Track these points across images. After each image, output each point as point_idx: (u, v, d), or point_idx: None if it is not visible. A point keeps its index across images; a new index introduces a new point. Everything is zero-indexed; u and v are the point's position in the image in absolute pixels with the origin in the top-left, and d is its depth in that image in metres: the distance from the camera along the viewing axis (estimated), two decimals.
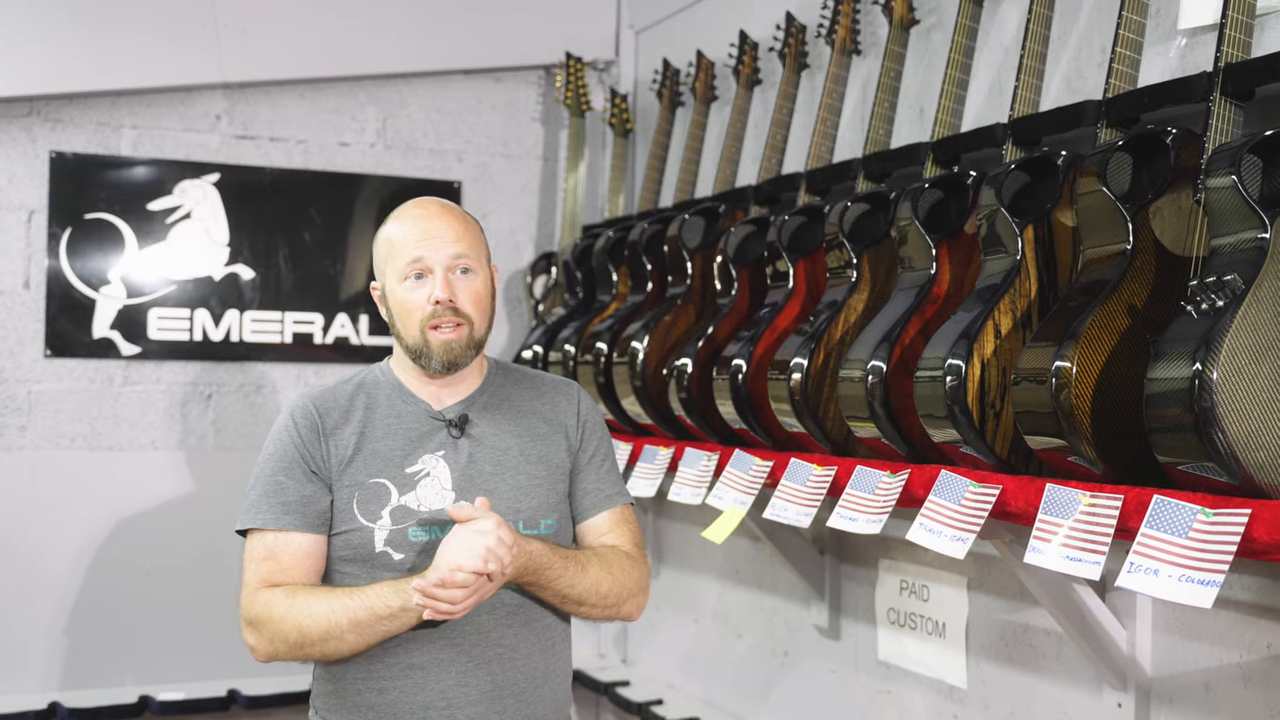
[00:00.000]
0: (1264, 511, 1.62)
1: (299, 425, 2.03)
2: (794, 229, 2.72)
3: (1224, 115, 1.91)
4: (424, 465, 2.02)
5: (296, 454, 2.01)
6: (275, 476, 2.01)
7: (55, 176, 3.59)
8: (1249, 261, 1.73)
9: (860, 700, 2.95)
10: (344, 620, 1.91)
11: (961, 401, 2.05)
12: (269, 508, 2.00)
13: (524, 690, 2.04)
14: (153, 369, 3.70)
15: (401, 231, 2.05)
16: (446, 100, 4.06)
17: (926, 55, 2.82)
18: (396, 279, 2.03)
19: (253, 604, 1.98)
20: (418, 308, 2.01)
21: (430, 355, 2.02)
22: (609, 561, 2.09)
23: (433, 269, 2.01)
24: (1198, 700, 2.13)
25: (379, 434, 2.04)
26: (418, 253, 2.01)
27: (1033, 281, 2.12)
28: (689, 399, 2.83)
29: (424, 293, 2.01)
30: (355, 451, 2.02)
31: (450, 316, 2.01)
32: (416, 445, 2.04)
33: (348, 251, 3.94)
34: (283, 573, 1.98)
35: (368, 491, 2.00)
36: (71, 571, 3.59)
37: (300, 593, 1.96)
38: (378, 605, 1.91)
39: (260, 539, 2.00)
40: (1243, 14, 1.93)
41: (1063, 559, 1.83)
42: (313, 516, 2.00)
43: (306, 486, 2.00)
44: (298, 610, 1.93)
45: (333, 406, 2.05)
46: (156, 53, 3.65)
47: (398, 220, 2.07)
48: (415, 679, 1.99)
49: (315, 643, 1.94)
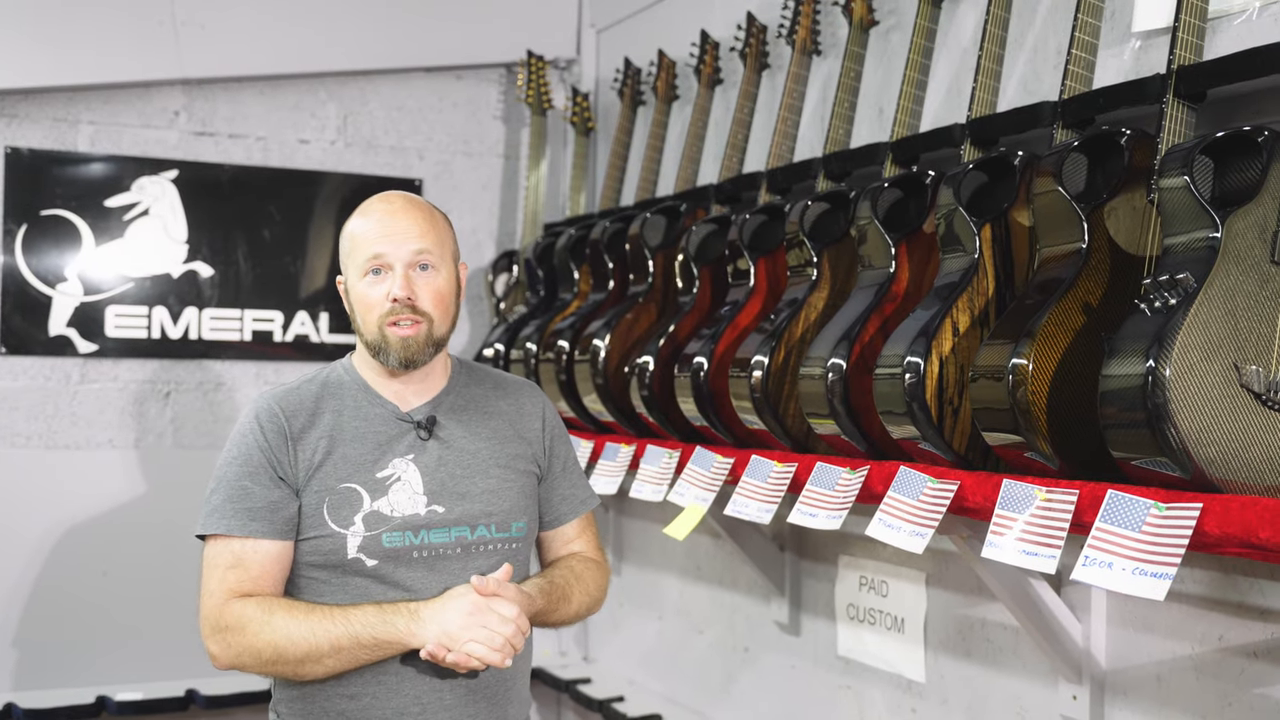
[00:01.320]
0: (1215, 505, 1.65)
1: (265, 428, 1.99)
2: (755, 228, 2.74)
3: (1177, 117, 1.94)
4: (394, 469, 2.00)
5: (262, 458, 1.97)
6: (240, 481, 1.97)
7: (11, 172, 3.56)
8: (1201, 260, 1.76)
9: (820, 695, 2.97)
10: (325, 645, 1.88)
11: (920, 398, 2.07)
12: (234, 513, 1.96)
13: (495, 693, 2.04)
14: (110, 367, 3.68)
15: (364, 226, 2.03)
16: (408, 98, 4.05)
17: (886, 56, 2.85)
18: (357, 274, 2.02)
19: (222, 615, 1.93)
20: (377, 304, 2.00)
21: (388, 351, 2.00)
22: (584, 581, 2.14)
23: (393, 265, 2.00)
24: (1151, 691, 2.17)
25: (347, 437, 2.01)
26: (378, 249, 2.00)
27: (990, 280, 2.15)
28: (650, 396, 2.84)
29: (383, 289, 2.00)
30: (325, 456, 1.99)
31: (408, 314, 1.99)
32: (385, 449, 2.02)
33: (307, 249, 3.92)
34: (252, 582, 1.94)
35: (338, 497, 1.97)
36: (27, 571, 3.55)
37: (277, 610, 1.91)
38: (363, 635, 1.89)
39: (225, 545, 1.96)
40: (1194, 18, 1.97)
41: (1019, 553, 1.86)
42: (280, 522, 1.96)
43: (273, 492, 1.96)
44: (274, 629, 1.89)
45: (299, 409, 2.02)
46: (115, 48, 3.62)
47: (362, 215, 2.06)
48: (389, 684, 1.96)
49: (290, 663, 1.90)
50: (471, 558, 2.02)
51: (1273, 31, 1.97)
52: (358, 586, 1.97)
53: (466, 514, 2.02)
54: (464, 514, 2.02)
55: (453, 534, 2.01)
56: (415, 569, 1.98)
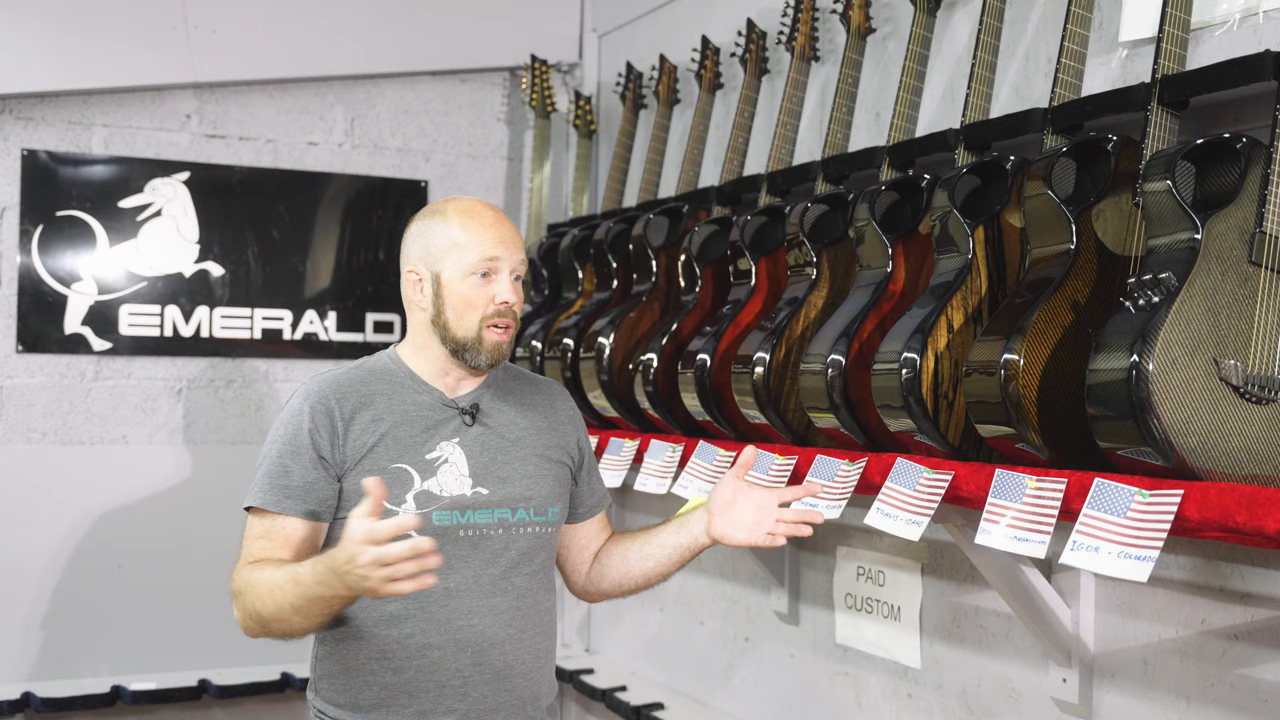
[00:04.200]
0: (1195, 492, 1.73)
1: (314, 412, 2.06)
2: (756, 229, 2.81)
3: (1161, 124, 2.03)
4: (442, 452, 2.08)
5: (307, 440, 2.04)
6: (281, 459, 2.05)
7: (27, 174, 3.64)
8: (1182, 261, 1.85)
9: (819, 682, 3.05)
10: (286, 605, 1.91)
11: (916, 393, 2.15)
12: (271, 489, 2.04)
13: (530, 670, 2.12)
14: (124, 364, 3.75)
15: (474, 227, 2.08)
16: (414, 101, 4.13)
17: (882, 62, 2.93)
18: (461, 272, 2.07)
19: (234, 580, 2.00)
20: (481, 304, 2.07)
21: (480, 351, 2.08)
22: None
23: (501, 270, 2.08)
24: (1137, 674, 2.26)
25: (397, 420, 2.09)
26: (495, 252, 2.07)
27: (983, 279, 2.23)
28: (654, 392, 2.92)
29: (488, 291, 2.07)
30: (378, 438, 2.06)
31: (509, 319, 2.09)
32: (433, 432, 2.10)
33: (315, 249, 4.00)
34: (273, 552, 2.02)
35: (390, 476, 2.04)
36: (44, 564, 3.63)
37: (257, 571, 1.95)
38: (311, 591, 1.88)
39: (260, 518, 2.05)
40: (1178, 29, 2.06)
41: (1010, 539, 1.94)
42: (312, 503, 2.04)
43: (311, 473, 2.04)
44: (256, 593, 1.94)
45: (349, 393, 2.09)
46: (127, 53, 3.70)
47: (467, 216, 2.10)
48: (432, 658, 2.04)
49: (270, 622, 1.94)
50: (511, 538, 2.11)
51: (1252, 42, 2.05)
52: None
53: (509, 496, 2.11)
54: (506, 496, 2.11)
55: (495, 515, 2.09)
56: (460, 547, 2.06)
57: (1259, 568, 2.06)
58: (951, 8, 2.72)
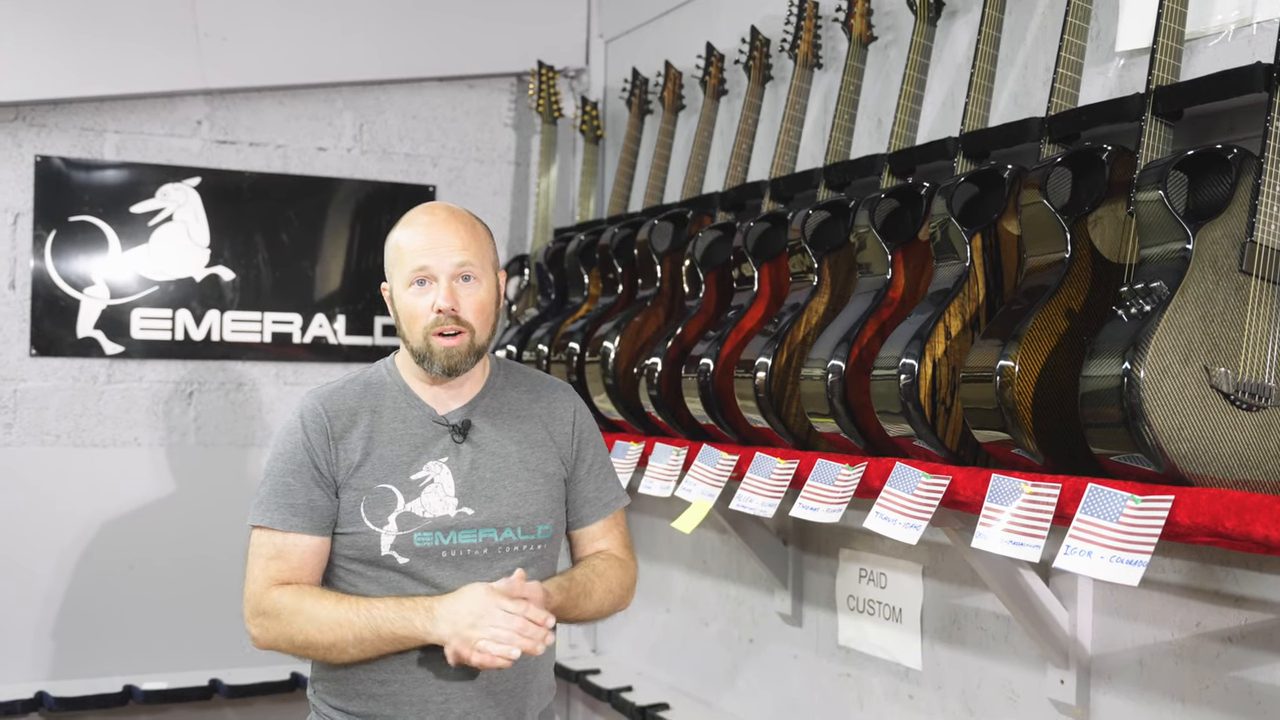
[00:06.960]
0: (1185, 497, 1.76)
1: (308, 429, 2.09)
2: (759, 235, 2.84)
3: (1155, 134, 2.06)
4: (428, 472, 2.10)
5: (305, 457, 2.08)
6: (284, 478, 2.08)
7: (40, 180, 3.68)
8: (1174, 270, 1.87)
9: (822, 683, 3.08)
10: (349, 636, 2.00)
11: (915, 398, 2.18)
12: (277, 508, 2.07)
13: (515, 686, 2.14)
14: (135, 368, 3.80)
15: (409, 238, 2.10)
16: (421, 106, 4.17)
17: (884, 71, 2.96)
18: (403, 284, 2.10)
19: (262, 601, 2.05)
20: (422, 314, 2.08)
21: (432, 360, 2.09)
22: (607, 578, 2.22)
23: (437, 277, 2.07)
24: (1133, 676, 2.28)
25: (385, 439, 2.10)
26: (423, 260, 2.07)
27: (980, 286, 2.26)
28: (659, 396, 2.95)
29: (428, 299, 2.08)
30: (364, 457, 2.08)
31: (452, 324, 2.07)
32: (421, 451, 2.11)
33: (325, 253, 4.04)
34: (291, 572, 2.06)
35: (375, 496, 2.07)
36: (57, 565, 3.68)
37: (307, 597, 2.03)
38: (383, 630, 2.00)
39: (269, 537, 2.08)
40: (1172, 40, 2.08)
41: (1006, 542, 1.97)
42: (318, 519, 2.08)
43: (313, 490, 2.07)
44: (305, 617, 2.01)
45: (341, 409, 2.11)
46: (139, 60, 3.75)
47: (407, 226, 2.13)
48: (416, 674, 2.07)
49: (318, 649, 2.03)
50: (498, 558, 2.12)
51: (1245, 53, 2.07)
52: (390, 580, 2.08)
53: (494, 516, 2.11)
54: (491, 516, 2.11)
55: (480, 535, 2.11)
56: (444, 567, 2.08)
57: (1253, 571, 2.08)
58: (952, 17, 2.75)
